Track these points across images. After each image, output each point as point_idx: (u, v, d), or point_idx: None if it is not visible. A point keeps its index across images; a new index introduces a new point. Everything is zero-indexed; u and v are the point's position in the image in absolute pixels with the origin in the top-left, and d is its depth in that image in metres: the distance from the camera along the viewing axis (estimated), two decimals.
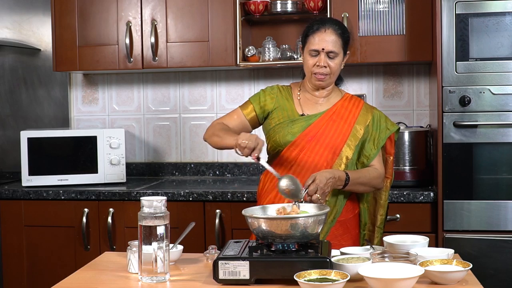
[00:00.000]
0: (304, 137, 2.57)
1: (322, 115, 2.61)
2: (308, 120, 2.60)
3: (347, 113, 2.63)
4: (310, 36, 2.57)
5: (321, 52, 2.54)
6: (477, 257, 2.99)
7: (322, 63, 2.54)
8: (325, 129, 2.58)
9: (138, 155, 4.14)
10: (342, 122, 2.60)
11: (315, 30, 2.56)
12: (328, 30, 2.55)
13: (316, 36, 2.55)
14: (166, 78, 4.10)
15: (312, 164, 2.55)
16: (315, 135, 2.57)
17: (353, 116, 2.62)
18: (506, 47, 3.07)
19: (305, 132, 2.57)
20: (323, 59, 2.54)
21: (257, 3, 3.65)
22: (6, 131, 4.25)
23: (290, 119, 2.60)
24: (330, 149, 2.56)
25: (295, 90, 2.69)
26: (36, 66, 4.21)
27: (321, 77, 2.56)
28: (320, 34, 2.55)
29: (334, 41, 2.54)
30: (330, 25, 2.57)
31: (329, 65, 2.55)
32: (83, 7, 3.79)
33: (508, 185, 3.11)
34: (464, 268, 2.02)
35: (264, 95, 2.68)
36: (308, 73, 2.60)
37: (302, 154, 2.56)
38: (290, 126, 2.59)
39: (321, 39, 2.54)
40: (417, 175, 3.40)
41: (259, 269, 2.02)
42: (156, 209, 2.07)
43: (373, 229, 2.68)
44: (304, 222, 2.04)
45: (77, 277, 2.22)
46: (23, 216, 3.60)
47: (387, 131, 2.64)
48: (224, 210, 3.39)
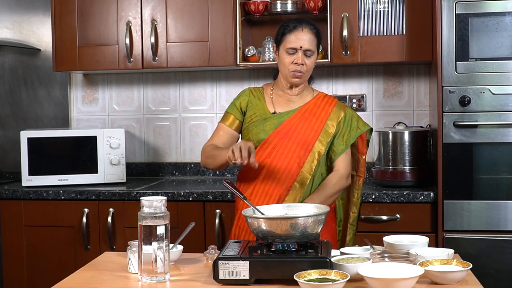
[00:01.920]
0: (276, 134, 2.63)
1: (294, 112, 2.67)
2: (280, 117, 2.66)
3: (320, 110, 2.68)
4: (287, 35, 2.63)
5: (298, 50, 2.60)
6: (477, 257, 2.99)
7: (300, 61, 2.60)
8: (297, 126, 2.64)
9: (138, 155, 4.14)
10: (314, 119, 2.66)
11: (292, 28, 2.63)
12: (305, 29, 2.62)
13: (293, 35, 2.61)
14: (166, 78, 4.10)
15: (285, 161, 2.61)
16: (287, 132, 2.63)
17: (326, 113, 2.68)
18: (506, 47, 3.07)
19: (277, 130, 2.63)
20: (301, 56, 2.60)
21: (257, 3, 3.65)
22: (6, 131, 4.25)
23: (262, 118, 2.67)
24: (302, 145, 2.62)
25: (267, 90, 2.75)
26: (36, 66, 4.21)
27: (299, 74, 2.62)
28: (297, 32, 2.61)
29: (311, 39, 2.62)
30: (306, 24, 2.64)
31: (305, 63, 2.61)
32: (83, 7, 3.79)
33: (508, 185, 3.10)
34: (464, 268, 2.02)
35: (237, 100, 2.76)
36: (285, 71, 2.64)
37: (275, 152, 2.62)
38: (262, 124, 2.65)
39: (299, 38, 2.60)
40: (417, 175, 3.40)
41: (259, 269, 2.02)
42: (156, 209, 2.07)
43: (346, 226, 2.74)
44: (304, 222, 2.04)
45: (77, 277, 2.22)
46: (23, 216, 3.60)
47: (358, 130, 2.71)
48: (224, 210, 3.39)
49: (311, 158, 2.62)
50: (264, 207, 2.26)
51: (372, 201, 3.25)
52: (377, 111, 3.88)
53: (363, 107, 3.86)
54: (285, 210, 2.26)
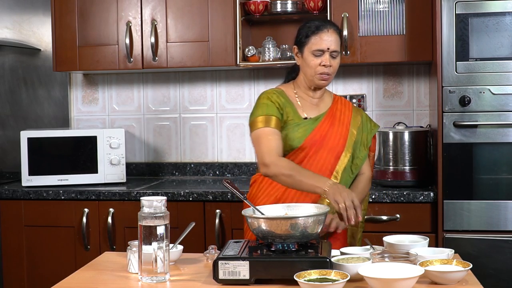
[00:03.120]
0: (309, 141, 2.57)
1: (323, 118, 2.62)
2: (311, 123, 2.60)
3: (342, 115, 2.66)
4: (312, 36, 2.56)
5: (326, 51, 2.55)
6: (477, 257, 2.99)
7: (328, 63, 2.55)
8: (327, 132, 2.60)
9: (138, 155, 4.14)
10: (340, 125, 2.63)
11: (316, 30, 2.56)
12: (330, 29, 2.57)
13: (319, 36, 2.55)
14: (166, 78, 4.10)
15: (317, 167, 2.56)
16: (319, 138, 2.59)
17: (347, 118, 2.66)
18: (506, 47, 3.07)
19: (310, 136, 2.58)
20: (328, 58, 2.55)
21: (257, 3, 3.65)
22: (6, 131, 4.25)
23: (295, 123, 2.59)
24: (333, 153, 2.59)
25: (290, 92, 2.66)
26: (36, 66, 4.21)
27: (326, 77, 2.57)
28: (323, 34, 2.55)
29: (337, 40, 2.57)
30: (331, 25, 2.60)
31: (332, 65, 2.56)
32: (83, 7, 3.79)
33: (508, 185, 3.10)
34: (464, 268, 2.02)
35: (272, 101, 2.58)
36: (312, 73, 2.58)
37: (307, 158, 2.57)
38: (295, 130, 2.58)
39: (325, 39, 2.55)
40: (417, 175, 3.40)
41: (259, 269, 2.02)
42: (156, 209, 2.07)
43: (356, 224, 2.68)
44: (304, 222, 2.04)
45: (77, 277, 2.22)
46: (23, 216, 3.60)
47: (372, 131, 2.72)
48: (224, 210, 3.39)
49: (341, 164, 2.59)
50: (264, 207, 2.26)
51: (372, 201, 3.25)
52: (377, 111, 3.88)
53: (363, 107, 3.86)
54: (285, 210, 2.26)
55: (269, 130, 2.53)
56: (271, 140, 2.51)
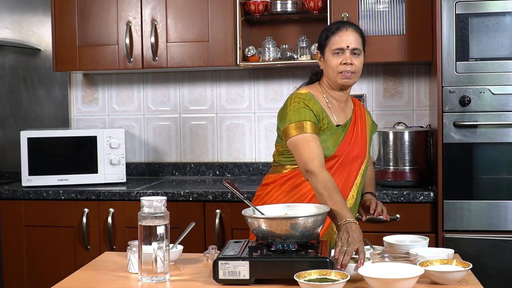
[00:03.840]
0: (340, 149, 2.54)
1: (350, 124, 2.60)
2: (342, 131, 2.57)
3: (362, 120, 2.65)
4: (331, 37, 2.53)
5: (345, 49, 2.51)
6: (477, 257, 2.99)
7: (349, 60, 2.50)
8: (355, 138, 2.59)
9: (138, 155, 4.14)
10: (362, 131, 2.63)
11: (336, 30, 2.54)
12: (350, 28, 2.54)
13: (338, 36, 2.52)
14: (166, 78, 4.10)
15: (344, 174, 2.55)
16: (348, 145, 2.57)
17: (366, 124, 2.66)
18: (506, 47, 3.07)
19: (341, 145, 2.55)
20: (349, 56, 2.51)
21: (257, 3, 3.65)
22: (6, 131, 4.25)
23: (330, 131, 2.54)
24: (358, 160, 2.59)
25: (321, 98, 2.58)
26: (36, 66, 4.21)
27: (348, 75, 2.51)
28: (342, 33, 2.52)
29: (357, 38, 2.54)
30: (350, 25, 2.57)
31: (354, 63, 2.52)
32: (83, 7, 3.79)
33: (508, 185, 3.10)
34: (464, 268, 2.02)
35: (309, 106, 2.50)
36: (334, 73, 2.53)
37: (336, 165, 2.54)
38: (329, 138, 2.53)
39: (345, 38, 2.51)
40: (417, 175, 3.39)
41: (259, 269, 2.02)
42: (156, 209, 2.07)
43: None
44: (304, 222, 2.05)
45: (77, 277, 2.22)
46: (23, 216, 3.60)
47: (373, 132, 2.76)
48: (224, 210, 3.39)
49: (361, 171, 2.60)
50: (264, 207, 2.26)
51: None
52: (377, 111, 3.88)
53: None
54: (285, 210, 2.26)
55: (308, 136, 2.44)
56: (312, 146, 2.43)
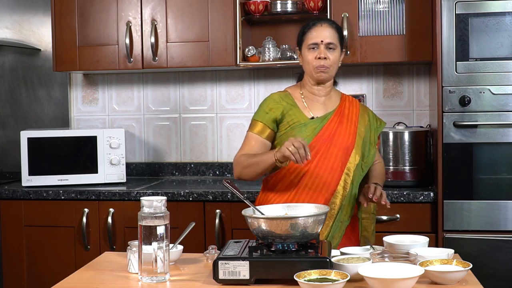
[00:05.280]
0: (318, 139, 2.59)
1: (331, 116, 2.64)
2: (319, 122, 2.62)
3: (350, 113, 2.68)
4: (307, 33, 2.63)
5: (320, 44, 2.59)
6: (477, 257, 2.99)
7: (323, 55, 2.58)
8: (336, 130, 2.62)
9: (138, 155, 4.14)
10: (348, 123, 2.65)
11: (312, 26, 2.64)
12: (324, 24, 2.63)
13: (313, 31, 2.62)
14: (166, 78, 4.10)
15: (329, 165, 2.57)
16: (329, 136, 2.60)
17: (355, 116, 2.68)
18: (506, 47, 3.07)
19: (319, 135, 2.59)
20: (323, 50, 2.59)
21: (257, 3, 3.65)
22: (6, 131, 4.25)
23: (301, 123, 2.61)
24: (343, 149, 2.60)
25: (296, 94, 2.69)
26: (36, 66, 4.21)
27: (323, 69, 2.59)
28: (317, 28, 2.62)
29: (332, 33, 2.62)
30: (325, 21, 2.67)
31: (328, 57, 2.59)
32: (83, 7, 3.79)
33: (508, 185, 3.10)
34: (464, 268, 2.02)
35: (268, 108, 2.65)
36: (310, 68, 2.62)
37: (318, 156, 2.57)
38: (303, 130, 2.59)
39: (319, 33, 2.61)
40: (417, 175, 3.40)
41: (259, 269, 2.02)
42: (156, 209, 2.07)
43: (368, 217, 2.74)
44: (304, 222, 2.04)
45: (77, 277, 2.22)
46: (23, 216, 3.60)
47: (378, 129, 2.76)
48: (224, 210, 3.39)
49: (352, 161, 2.61)
50: (264, 207, 2.26)
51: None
52: (377, 111, 3.87)
53: None
54: (285, 210, 2.26)
55: (252, 135, 2.64)
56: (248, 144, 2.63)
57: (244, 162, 2.57)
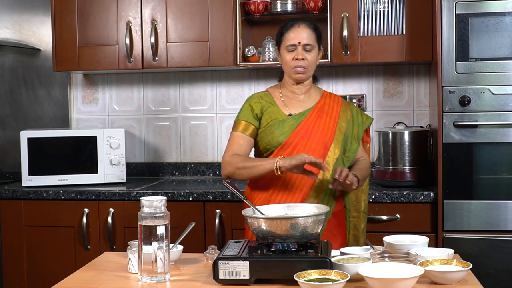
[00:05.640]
0: (296, 135, 2.63)
1: (309, 112, 2.69)
2: (297, 118, 2.67)
3: (330, 109, 2.72)
4: (285, 34, 2.68)
5: (298, 45, 2.64)
6: (477, 257, 2.99)
7: (300, 56, 2.64)
8: (314, 125, 2.66)
9: (138, 155, 4.14)
10: (328, 118, 2.69)
11: (289, 27, 2.68)
12: (302, 25, 2.67)
13: (291, 32, 2.66)
14: (166, 78, 4.10)
15: None
16: (306, 132, 2.65)
17: (336, 112, 2.72)
18: (506, 47, 3.06)
19: (296, 130, 2.65)
20: (301, 51, 2.64)
21: (257, 3, 3.65)
22: (6, 131, 4.25)
23: (279, 120, 2.66)
24: (322, 144, 2.64)
25: (275, 93, 2.76)
26: (36, 66, 4.21)
27: (301, 70, 2.66)
28: (294, 29, 2.67)
29: (309, 34, 2.66)
30: (303, 21, 2.70)
31: (306, 58, 2.65)
32: (83, 7, 3.79)
33: (508, 185, 3.10)
34: (464, 268, 2.02)
35: (249, 106, 2.72)
36: (288, 69, 2.69)
37: (295, 151, 2.61)
38: (280, 126, 2.65)
39: (296, 34, 2.65)
40: (417, 175, 3.39)
41: (259, 269, 2.02)
42: (156, 209, 2.07)
43: (358, 215, 2.77)
44: (304, 222, 2.05)
45: (77, 277, 2.22)
46: (23, 216, 3.60)
47: (364, 124, 2.78)
48: (224, 210, 3.39)
49: (331, 156, 2.65)
50: (264, 207, 2.26)
51: (372, 201, 3.25)
52: (377, 111, 3.88)
53: (363, 107, 3.86)
54: (285, 210, 2.26)
55: (239, 135, 2.69)
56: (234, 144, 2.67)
57: (239, 163, 2.60)
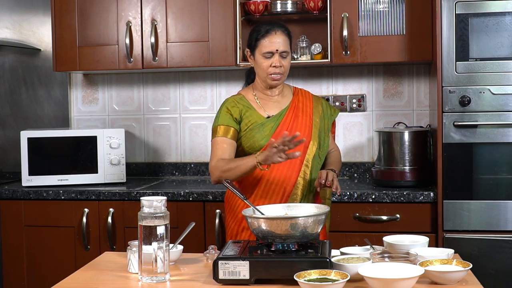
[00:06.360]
0: (276, 136, 2.64)
1: (286, 112, 2.73)
2: (275, 120, 2.71)
3: (304, 106, 2.76)
4: (261, 40, 2.69)
5: (275, 53, 2.67)
6: (477, 257, 2.99)
7: (278, 63, 2.66)
8: (292, 125, 2.71)
9: (138, 155, 4.14)
10: (304, 116, 2.74)
11: (265, 33, 2.69)
12: (278, 31, 2.69)
13: (268, 39, 2.68)
14: (166, 78, 4.10)
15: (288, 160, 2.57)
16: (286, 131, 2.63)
17: (310, 109, 2.76)
18: (506, 47, 3.07)
19: (276, 132, 2.68)
20: (278, 59, 2.67)
21: (257, 3, 3.65)
22: (6, 131, 4.25)
23: (259, 123, 2.69)
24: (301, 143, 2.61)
25: (249, 96, 2.78)
26: (36, 66, 4.21)
27: (277, 77, 2.69)
28: (271, 36, 2.68)
29: (285, 41, 2.69)
30: (278, 27, 2.71)
31: (282, 65, 2.68)
32: (83, 7, 3.79)
33: (508, 185, 3.10)
34: (464, 268, 2.02)
35: (227, 110, 2.71)
36: (263, 74, 2.70)
37: None
38: (261, 130, 2.68)
39: (273, 41, 2.67)
40: (417, 175, 3.39)
41: (259, 269, 2.02)
42: (156, 209, 2.07)
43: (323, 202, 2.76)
44: (304, 222, 2.05)
45: (77, 277, 2.22)
46: (23, 216, 3.60)
47: (331, 117, 2.84)
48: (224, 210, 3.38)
49: (310, 153, 2.70)
50: (264, 207, 2.26)
51: (372, 201, 3.25)
52: (377, 111, 3.88)
53: (363, 107, 3.86)
54: (285, 210, 2.26)
55: (222, 139, 2.69)
56: (218, 149, 2.68)
57: (224, 166, 2.62)
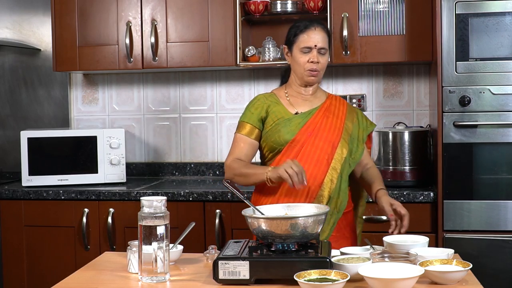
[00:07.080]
0: (303, 132, 2.62)
1: (316, 111, 2.68)
2: (303, 117, 2.66)
3: (337, 110, 2.72)
4: (299, 35, 2.65)
5: (313, 48, 2.63)
6: (477, 257, 2.99)
7: (315, 59, 2.63)
8: (321, 124, 2.66)
9: (138, 155, 4.14)
10: (335, 118, 2.69)
11: (304, 28, 2.66)
12: (318, 28, 2.65)
13: (306, 34, 2.64)
14: (166, 78, 4.10)
15: (314, 157, 2.60)
16: (313, 130, 2.64)
17: (342, 113, 2.71)
18: (506, 47, 3.07)
19: (303, 129, 2.63)
20: (316, 55, 2.63)
21: (257, 3, 3.65)
22: (6, 131, 4.25)
23: (286, 119, 2.65)
24: (329, 143, 2.63)
25: (281, 93, 2.75)
26: (36, 66, 4.21)
27: (315, 73, 2.65)
28: (310, 32, 2.64)
29: (324, 38, 2.66)
30: (318, 24, 2.68)
31: (320, 61, 2.64)
32: (83, 7, 3.79)
33: (508, 185, 3.10)
34: (464, 268, 2.02)
35: (254, 108, 2.70)
36: (301, 70, 2.66)
37: (303, 149, 2.61)
38: (287, 125, 2.64)
39: (312, 37, 2.63)
40: (417, 175, 3.39)
41: (259, 269, 2.02)
42: (156, 209, 2.07)
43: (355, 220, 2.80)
44: (304, 222, 2.05)
45: (77, 277, 2.22)
46: (23, 216, 3.60)
47: (368, 129, 2.77)
48: (224, 210, 3.39)
49: (338, 155, 2.64)
50: (264, 207, 2.26)
51: (372, 201, 3.24)
52: (377, 111, 3.88)
53: (363, 107, 3.86)
54: (285, 210, 2.26)
55: (240, 137, 2.69)
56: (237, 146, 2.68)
57: (236, 169, 2.61)
